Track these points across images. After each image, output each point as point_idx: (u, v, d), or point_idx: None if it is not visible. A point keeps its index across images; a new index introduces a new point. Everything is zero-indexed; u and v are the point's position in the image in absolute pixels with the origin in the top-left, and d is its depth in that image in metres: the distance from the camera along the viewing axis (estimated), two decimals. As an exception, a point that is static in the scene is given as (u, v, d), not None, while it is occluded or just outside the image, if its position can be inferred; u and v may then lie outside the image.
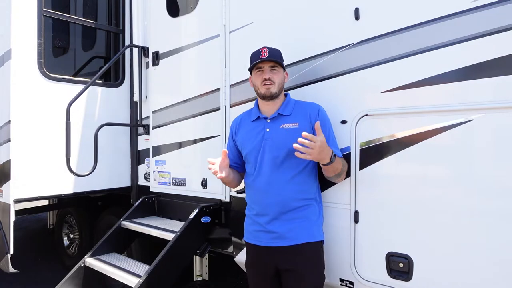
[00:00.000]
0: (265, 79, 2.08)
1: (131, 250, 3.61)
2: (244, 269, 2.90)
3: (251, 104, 2.75)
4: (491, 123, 1.80)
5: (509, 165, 1.75)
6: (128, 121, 3.86)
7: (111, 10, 3.88)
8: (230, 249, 2.94)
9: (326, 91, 2.33)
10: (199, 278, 3.73)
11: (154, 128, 3.55)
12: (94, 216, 4.29)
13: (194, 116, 3.20)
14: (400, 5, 2.07)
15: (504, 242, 1.77)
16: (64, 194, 3.46)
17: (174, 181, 3.38)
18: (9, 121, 3.16)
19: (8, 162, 3.16)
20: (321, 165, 2.01)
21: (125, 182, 3.83)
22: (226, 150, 2.15)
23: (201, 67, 3.18)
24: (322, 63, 2.36)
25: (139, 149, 3.80)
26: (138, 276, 2.61)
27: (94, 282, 3.06)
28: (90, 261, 3.01)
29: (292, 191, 2.06)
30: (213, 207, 2.97)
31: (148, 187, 3.64)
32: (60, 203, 4.82)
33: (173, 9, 3.42)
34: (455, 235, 1.89)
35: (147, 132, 3.64)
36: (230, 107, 2.91)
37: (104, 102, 3.70)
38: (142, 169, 3.76)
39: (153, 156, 3.56)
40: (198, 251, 2.96)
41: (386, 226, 2.10)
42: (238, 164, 2.31)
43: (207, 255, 3.61)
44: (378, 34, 2.13)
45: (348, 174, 2.21)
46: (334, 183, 2.23)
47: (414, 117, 2.01)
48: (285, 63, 2.23)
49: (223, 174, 2.12)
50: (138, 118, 3.67)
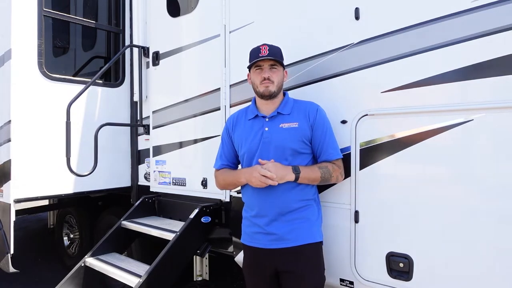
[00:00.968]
0: (264, 78, 2.04)
1: (131, 250, 3.61)
2: (244, 269, 2.91)
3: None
4: (491, 123, 1.80)
5: (509, 165, 1.75)
6: (128, 121, 3.86)
7: (111, 10, 3.88)
8: (230, 249, 2.94)
9: (326, 91, 2.33)
10: (199, 278, 3.72)
11: (154, 128, 3.56)
12: (94, 216, 4.29)
13: (195, 116, 3.20)
14: (400, 5, 2.07)
15: (504, 242, 1.77)
16: (64, 194, 3.46)
17: (175, 181, 3.38)
18: (9, 121, 3.16)
19: (8, 162, 3.16)
20: None
21: (125, 182, 3.83)
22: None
23: (201, 67, 3.19)
24: (322, 63, 2.36)
25: (139, 149, 3.80)
26: (138, 276, 2.61)
27: (94, 282, 3.06)
28: (90, 261, 3.01)
29: (292, 192, 2.02)
30: (213, 207, 2.97)
31: (148, 187, 3.64)
32: (60, 203, 4.82)
33: (173, 9, 3.42)
34: (455, 235, 1.89)
35: (147, 132, 3.64)
36: (230, 107, 2.91)
37: (104, 102, 3.70)
38: (142, 169, 3.76)
39: (153, 156, 3.56)
40: (198, 251, 2.96)
41: (386, 226, 2.10)
42: (234, 164, 2.27)
43: (207, 255, 3.61)
44: (378, 34, 2.13)
45: (348, 174, 2.21)
46: (335, 183, 2.23)
47: (414, 117, 2.01)
48: (285, 63, 2.22)
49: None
50: (138, 118, 3.67)
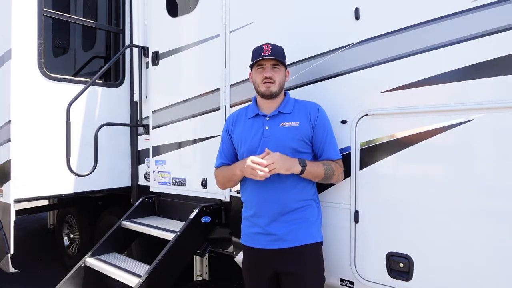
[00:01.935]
0: (266, 77, 2.03)
1: (131, 250, 3.61)
2: (244, 269, 2.91)
3: (251, 104, 2.76)
4: (491, 123, 1.80)
5: (509, 165, 1.75)
6: (128, 121, 3.86)
7: (111, 10, 3.88)
8: (230, 249, 2.94)
9: (326, 91, 2.33)
10: (199, 278, 3.73)
11: (154, 128, 3.55)
12: (94, 216, 4.29)
13: (194, 116, 3.20)
14: (400, 5, 2.07)
15: (504, 242, 1.77)
16: (64, 194, 3.46)
17: (174, 181, 3.38)
18: (9, 121, 3.16)
19: (8, 162, 3.16)
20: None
21: (125, 182, 3.83)
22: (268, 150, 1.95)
23: (201, 67, 3.19)
24: (322, 63, 2.36)
25: (139, 149, 3.80)
26: (138, 276, 2.61)
27: (94, 282, 3.05)
28: (90, 261, 3.01)
29: (292, 192, 2.01)
30: (213, 207, 2.97)
31: (148, 187, 3.64)
32: (61, 203, 4.82)
33: (173, 9, 3.42)
34: (456, 235, 1.89)
35: (147, 132, 3.64)
36: (230, 107, 2.91)
37: (104, 102, 3.70)
38: (142, 169, 3.76)
39: (153, 156, 3.56)
40: (198, 251, 2.96)
41: (386, 226, 2.10)
42: (234, 162, 2.22)
43: (207, 255, 3.61)
44: (378, 34, 2.13)
45: (348, 174, 2.21)
46: (334, 183, 2.23)
47: (414, 117, 2.01)
48: (286, 63, 2.22)
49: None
50: (138, 118, 3.67)
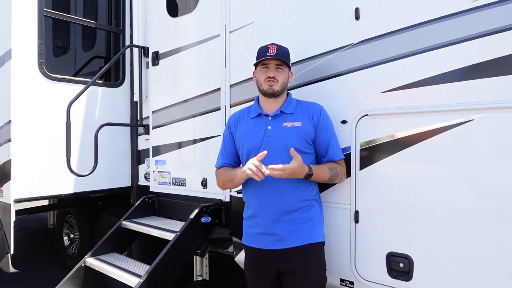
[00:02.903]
0: (269, 77, 2.05)
1: (131, 250, 3.61)
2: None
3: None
4: (491, 123, 1.80)
5: (509, 165, 1.75)
6: (128, 121, 3.86)
7: (111, 10, 3.88)
8: (231, 249, 2.94)
9: (327, 91, 2.33)
10: (200, 278, 3.73)
11: (154, 128, 3.55)
12: (95, 216, 4.29)
13: (194, 116, 3.20)
14: (400, 5, 2.07)
15: (504, 242, 1.77)
16: (65, 194, 3.46)
17: (174, 181, 3.38)
18: (10, 121, 3.16)
19: (9, 162, 3.16)
20: None
21: (125, 182, 3.83)
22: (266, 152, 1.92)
23: (201, 67, 3.19)
24: (323, 63, 2.36)
25: (139, 149, 3.80)
26: (138, 276, 2.61)
27: (94, 282, 3.06)
28: (91, 261, 3.01)
29: (294, 193, 2.02)
30: (213, 207, 2.97)
31: (148, 187, 3.64)
32: (61, 203, 4.82)
33: (173, 9, 3.42)
34: (456, 235, 1.89)
35: (147, 132, 3.64)
36: (230, 107, 2.91)
37: (105, 102, 3.70)
38: (142, 169, 3.76)
39: (153, 156, 3.56)
40: (199, 251, 2.96)
41: (386, 226, 2.10)
42: (235, 162, 2.24)
43: (208, 255, 3.61)
44: (378, 34, 2.13)
45: (349, 174, 2.21)
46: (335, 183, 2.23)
47: (414, 117, 2.01)
48: (290, 64, 2.21)
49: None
50: (138, 118, 3.67)
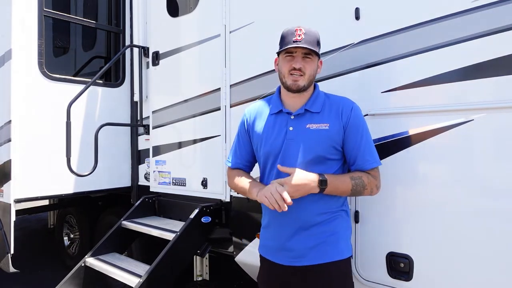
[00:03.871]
0: (295, 69, 1.71)
1: (131, 250, 3.61)
2: (244, 269, 2.91)
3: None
4: (491, 123, 1.80)
5: (510, 165, 1.75)
6: (129, 121, 3.86)
7: (112, 10, 3.88)
8: (231, 249, 2.94)
9: (327, 91, 2.32)
10: (200, 278, 3.73)
11: (154, 128, 3.56)
12: (95, 216, 4.29)
13: (194, 116, 3.20)
14: (400, 5, 2.07)
15: (505, 242, 1.77)
16: (65, 194, 3.46)
17: (174, 181, 3.38)
18: (10, 121, 3.16)
19: (9, 162, 3.16)
20: None
21: (126, 182, 3.83)
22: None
23: (201, 67, 3.19)
24: (322, 63, 2.35)
25: (140, 149, 3.80)
26: (139, 276, 2.61)
27: (95, 282, 3.05)
28: (91, 261, 3.01)
29: (315, 204, 1.71)
30: (214, 207, 2.97)
31: (149, 187, 3.64)
32: (61, 203, 4.82)
33: (173, 9, 3.42)
34: (456, 235, 1.89)
35: (147, 132, 3.64)
36: (231, 107, 2.91)
37: (105, 102, 3.70)
38: (143, 169, 3.76)
39: (153, 156, 3.56)
40: (199, 251, 2.96)
41: (387, 226, 2.10)
42: (250, 163, 1.97)
43: (208, 255, 3.61)
44: (378, 34, 2.13)
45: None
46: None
47: (414, 117, 2.01)
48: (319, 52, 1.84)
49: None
50: (139, 118, 3.67)
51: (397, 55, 2.06)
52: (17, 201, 3.18)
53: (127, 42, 3.86)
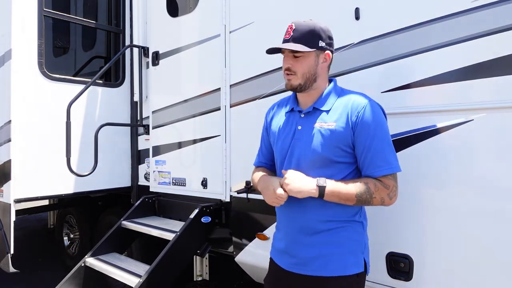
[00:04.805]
0: (285, 69, 1.66)
1: (131, 250, 3.61)
2: (244, 269, 2.91)
3: (252, 104, 2.76)
4: (492, 123, 1.80)
5: (510, 165, 1.75)
6: (128, 121, 3.86)
7: (111, 10, 3.88)
8: (231, 249, 2.94)
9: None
10: (200, 278, 3.73)
11: (154, 128, 3.55)
12: (95, 216, 4.29)
13: (194, 116, 3.20)
14: (400, 5, 2.07)
15: (504, 242, 1.76)
16: (65, 194, 3.46)
17: (174, 181, 3.38)
18: (10, 121, 3.16)
19: (9, 162, 3.16)
20: None
21: (126, 182, 3.83)
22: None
23: (201, 67, 3.19)
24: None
25: (139, 149, 3.80)
26: (139, 276, 2.61)
27: (94, 282, 3.05)
28: (91, 261, 3.01)
29: (320, 209, 1.60)
30: (214, 207, 2.97)
31: (148, 187, 3.64)
32: (61, 203, 4.82)
33: (173, 9, 3.42)
34: (456, 235, 1.89)
35: (147, 132, 3.64)
36: (231, 107, 2.91)
37: (105, 102, 3.70)
38: (142, 169, 3.76)
39: (153, 156, 3.56)
40: (199, 251, 2.96)
41: (387, 226, 2.10)
42: (272, 161, 1.88)
43: (208, 255, 3.61)
44: (378, 34, 2.13)
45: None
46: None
47: (414, 117, 2.01)
48: (320, 44, 1.68)
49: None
50: (138, 118, 3.67)
51: (397, 55, 2.06)
52: (17, 201, 3.18)
53: (127, 42, 3.86)
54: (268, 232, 2.56)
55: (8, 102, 3.16)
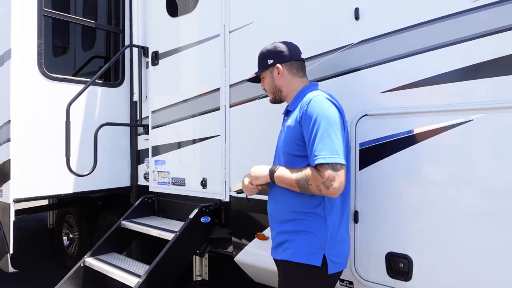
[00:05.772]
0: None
1: (131, 250, 3.61)
2: (244, 269, 2.91)
3: (252, 104, 2.77)
4: (491, 123, 1.80)
5: (509, 165, 1.75)
6: (128, 121, 3.86)
7: (111, 10, 3.88)
8: (230, 249, 2.93)
9: (326, 91, 2.32)
10: (199, 278, 3.72)
11: (154, 128, 3.55)
12: (94, 216, 4.29)
13: (194, 116, 3.20)
14: (400, 5, 2.07)
15: (504, 242, 1.76)
16: (64, 194, 3.46)
17: (174, 181, 3.38)
18: (9, 121, 3.15)
19: (8, 162, 3.16)
20: None
21: (125, 182, 3.83)
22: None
23: (201, 67, 3.18)
24: (322, 63, 2.36)
25: (139, 149, 3.80)
26: (138, 276, 2.61)
27: (94, 282, 3.05)
28: (90, 261, 3.01)
29: (284, 201, 1.82)
30: (213, 207, 2.97)
31: (148, 187, 3.64)
32: (60, 203, 4.82)
33: (173, 9, 3.42)
34: (455, 235, 1.89)
35: (147, 132, 3.64)
36: (230, 107, 2.91)
37: (104, 102, 3.70)
38: (142, 169, 3.76)
39: (153, 156, 3.56)
40: (198, 251, 2.96)
41: (386, 226, 2.10)
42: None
43: (207, 255, 3.61)
44: (378, 34, 2.13)
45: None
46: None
47: (414, 117, 2.01)
48: (268, 63, 1.96)
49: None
50: (138, 118, 3.67)
51: (397, 55, 2.06)
52: (17, 201, 3.17)
53: (127, 42, 3.85)
54: (268, 232, 2.56)
55: (8, 102, 3.15)
